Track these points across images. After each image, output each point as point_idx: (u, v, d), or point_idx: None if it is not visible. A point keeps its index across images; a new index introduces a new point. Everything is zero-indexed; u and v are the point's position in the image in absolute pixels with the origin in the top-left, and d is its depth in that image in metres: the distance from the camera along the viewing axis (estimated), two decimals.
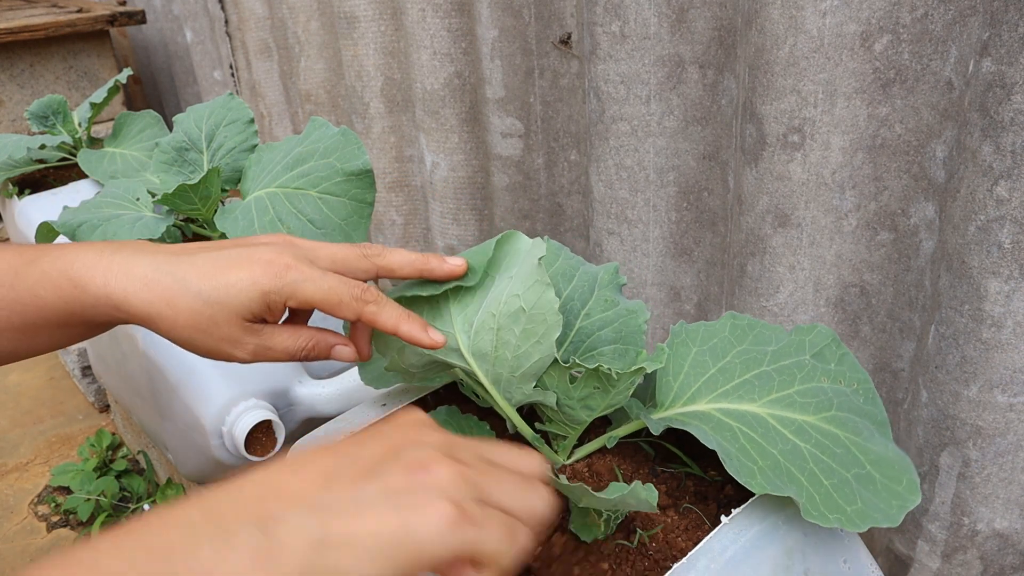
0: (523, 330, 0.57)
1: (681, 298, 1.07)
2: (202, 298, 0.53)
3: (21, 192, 1.42)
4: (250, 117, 1.10)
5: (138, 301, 0.53)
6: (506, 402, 0.61)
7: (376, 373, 0.71)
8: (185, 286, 0.53)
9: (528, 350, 0.58)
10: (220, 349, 0.54)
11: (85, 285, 0.53)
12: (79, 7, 2.49)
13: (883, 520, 0.54)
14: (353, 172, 0.96)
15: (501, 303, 0.57)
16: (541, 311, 0.57)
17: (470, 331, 0.58)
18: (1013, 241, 0.64)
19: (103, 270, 0.53)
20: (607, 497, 0.50)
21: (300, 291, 0.54)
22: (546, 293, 0.56)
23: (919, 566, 0.82)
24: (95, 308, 0.54)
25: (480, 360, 0.59)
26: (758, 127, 0.80)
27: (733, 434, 0.58)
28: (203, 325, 0.53)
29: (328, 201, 0.96)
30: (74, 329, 0.56)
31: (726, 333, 0.64)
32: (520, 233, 0.60)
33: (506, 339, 0.57)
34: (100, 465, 1.34)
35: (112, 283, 0.53)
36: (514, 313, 0.56)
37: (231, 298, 0.53)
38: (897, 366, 0.84)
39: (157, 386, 0.99)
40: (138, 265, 0.54)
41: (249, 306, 0.53)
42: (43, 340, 0.57)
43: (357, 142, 0.97)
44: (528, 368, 0.58)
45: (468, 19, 1.31)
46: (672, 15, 0.90)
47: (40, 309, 0.54)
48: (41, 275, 0.54)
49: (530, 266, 0.56)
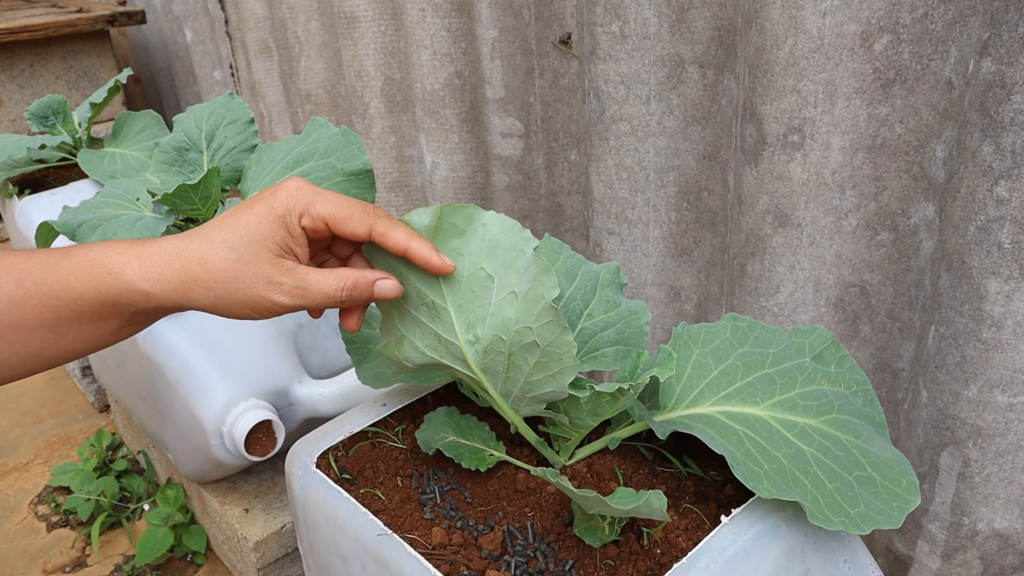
0: (537, 362, 0.56)
1: (681, 298, 1.07)
2: (228, 244, 0.54)
3: (21, 192, 1.42)
4: (250, 117, 1.10)
5: (171, 272, 0.54)
6: (514, 412, 0.61)
7: (374, 373, 0.71)
8: (211, 241, 0.54)
9: (542, 380, 0.57)
10: (258, 296, 0.54)
11: (120, 271, 0.54)
12: (79, 7, 2.49)
13: (885, 522, 0.54)
14: (353, 172, 0.96)
15: (512, 332, 0.55)
16: (557, 351, 0.55)
17: (476, 345, 0.56)
18: (1013, 241, 0.64)
19: (136, 255, 0.55)
20: (622, 508, 0.50)
21: (312, 206, 0.54)
22: (564, 336, 0.54)
23: (919, 566, 0.82)
24: (129, 295, 0.54)
25: (491, 376, 0.58)
26: (758, 127, 0.80)
27: (738, 438, 0.58)
28: (235, 271, 0.54)
29: None
30: (105, 323, 0.56)
31: (727, 335, 0.64)
32: (472, 208, 0.55)
33: (518, 364, 0.57)
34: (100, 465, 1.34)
35: (147, 264, 0.54)
36: (527, 345, 0.55)
37: (253, 232, 0.54)
38: (897, 366, 0.84)
39: (157, 386, 0.99)
40: (168, 242, 0.55)
41: (271, 235, 0.54)
42: (71, 339, 0.56)
43: (357, 142, 0.97)
44: (540, 394, 0.58)
45: (468, 19, 1.31)
46: (672, 15, 0.90)
47: (73, 301, 0.54)
48: (74, 267, 0.55)
49: (529, 277, 0.54)
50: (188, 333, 0.96)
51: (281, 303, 0.55)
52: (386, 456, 0.68)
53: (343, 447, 0.70)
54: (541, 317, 0.54)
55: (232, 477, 1.09)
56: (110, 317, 0.56)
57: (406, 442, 0.70)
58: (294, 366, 0.99)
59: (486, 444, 0.66)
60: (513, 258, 0.54)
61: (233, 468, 1.01)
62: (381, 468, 0.67)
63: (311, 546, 0.70)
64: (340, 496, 0.64)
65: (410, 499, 0.63)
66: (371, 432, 0.71)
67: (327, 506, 0.65)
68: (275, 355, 0.98)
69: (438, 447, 0.64)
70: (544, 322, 0.54)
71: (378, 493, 0.64)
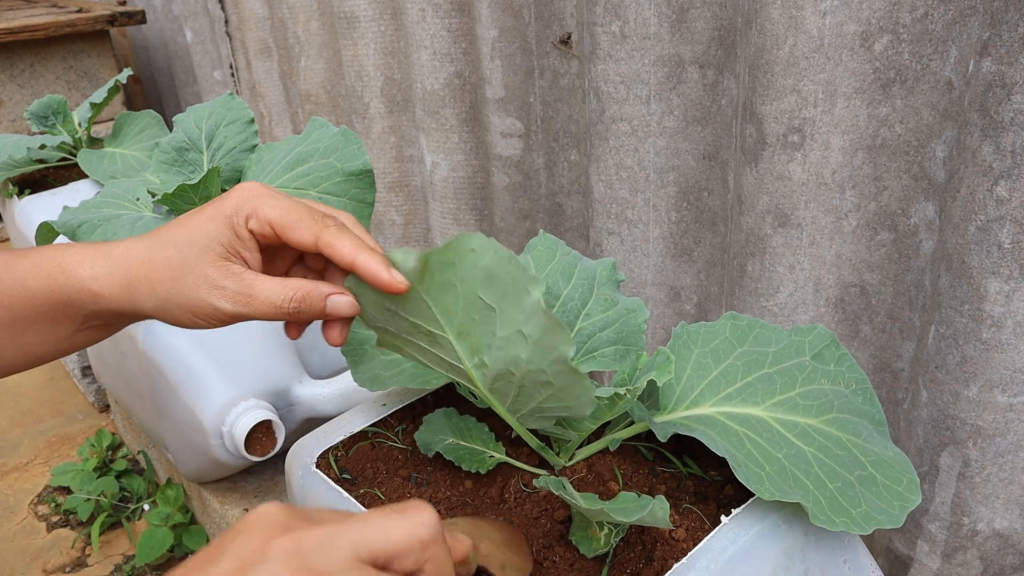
0: (551, 395, 0.53)
1: (681, 298, 1.07)
2: (174, 244, 0.52)
3: (21, 192, 1.42)
4: (250, 117, 1.10)
5: (119, 271, 0.53)
6: (518, 423, 0.61)
7: (371, 375, 0.71)
8: (159, 240, 0.53)
9: (555, 407, 0.55)
10: (200, 299, 0.52)
11: (73, 270, 0.53)
12: (79, 7, 2.49)
13: (887, 521, 0.54)
14: (353, 172, 0.96)
15: (523, 369, 0.50)
16: (574, 391, 0.52)
17: (484, 370, 0.52)
18: (1013, 241, 0.64)
19: (91, 255, 0.54)
20: (624, 519, 0.49)
21: (260, 209, 0.52)
22: (581, 382, 0.50)
23: (919, 566, 0.82)
24: (80, 295, 0.53)
25: (500, 396, 0.56)
26: (758, 127, 0.80)
27: (739, 439, 0.58)
28: (178, 271, 0.52)
29: (328, 201, 0.96)
30: (60, 327, 0.55)
31: (727, 334, 0.64)
32: (458, 239, 0.47)
33: (530, 393, 0.53)
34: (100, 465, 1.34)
35: (97, 264, 0.53)
36: (541, 383, 0.52)
37: (199, 232, 0.52)
38: (897, 366, 0.84)
39: (157, 386, 0.99)
40: (122, 243, 0.55)
41: (217, 236, 0.52)
42: (29, 340, 0.55)
43: (357, 142, 0.97)
44: (551, 416, 0.57)
45: (468, 19, 1.31)
46: (672, 15, 0.90)
47: (28, 299, 0.54)
48: (31, 265, 0.54)
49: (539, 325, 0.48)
50: (188, 333, 0.96)
51: (223, 309, 0.52)
52: (386, 456, 0.68)
53: (343, 447, 0.70)
54: (555, 365, 0.50)
55: (232, 477, 1.09)
56: (64, 319, 0.55)
57: (406, 442, 0.70)
58: (294, 366, 0.99)
59: (485, 445, 0.66)
60: (516, 294, 0.48)
61: (233, 468, 1.01)
62: (381, 468, 0.67)
63: None
64: (340, 496, 0.64)
65: (410, 499, 0.63)
66: (371, 432, 0.71)
67: (327, 506, 0.65)
68: (275, 355, 0.98)
69: (438, 449, 0.64)
70: (559, 370, 0.50)
71: (378, 493, 0.64)
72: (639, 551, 0.57)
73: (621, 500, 0.54)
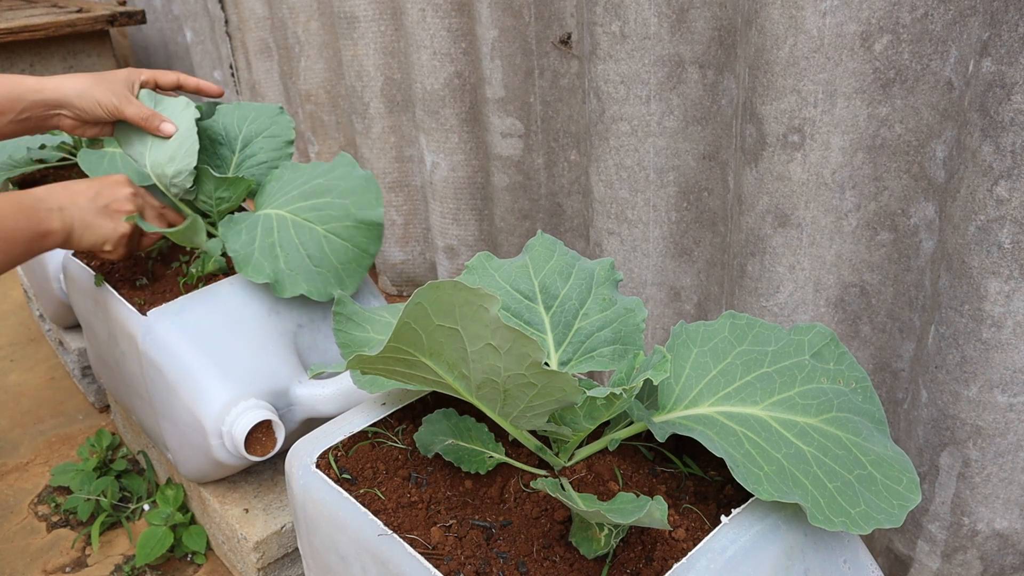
0: (537, 393, 0.54)
1: (681, 298, 1.07)
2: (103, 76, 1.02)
3: None
4: (290, 138, 1.10)
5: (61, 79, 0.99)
6: (513, 427, 0.61)
7: (370, 376, 0.71)
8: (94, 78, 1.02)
9: (544, 403, 0.55)
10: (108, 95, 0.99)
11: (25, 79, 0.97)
12: (79, 7, 2.49)
13: (886, 521, 0.54)
14: (364, 221, 0.98)
15: (503, 376, 0.52)
16: (558, 385, 0.52)
17: (466, 382, 0.54)
18: (1013, 241, 0.64)
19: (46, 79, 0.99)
20: (622, 521, 0.49)
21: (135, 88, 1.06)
22: (561, 377, 0.51)
23: (919, 566, 0.81)
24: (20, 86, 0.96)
25: (488, 402, 0.57)
26: (758, 127, 0.80)
27: (738, 439, 0.58)
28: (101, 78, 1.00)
29: (332, 241, 0.97)
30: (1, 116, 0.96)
31: (726, 333, 0.64)
32: (421, 290, 0.49)
33: (516, 395, 0.54)
34: (100, 465, 1.34)
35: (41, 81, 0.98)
36: (523, 384, 0.53)
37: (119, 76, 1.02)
38: (897, 366, 0.84)
39: (157, 386, 0.99)
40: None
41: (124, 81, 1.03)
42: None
43: (377, 192, 0.99)
44: (541, 414, 0.57)
45: (468, 19, 1.31)
46: (672, 15, 0.90)
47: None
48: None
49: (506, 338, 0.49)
50: (188, 333, 0.96)
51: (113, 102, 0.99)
52: (386, 456, 0.68)
53: (343, 447, 0.70)
54: (532, 368, 0.51)
55: (232, 477, 1.09)
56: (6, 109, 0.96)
57: (406, 442, 0.70)
58: (294, 366, 0.99)
59: (485, 446, 0.66)
60: (473, 312, 0.49)
61: (233, 468, 1.01)
62: (381, 468, 0.67)
63: (311, 546, 0.70)
64: (340, 496, 0.64)
65: (410, 499, 0.63)
66: (371, 432, 0.71)
67: (327, 506, 0.65)
68: (275, 355, 0.98)
69: (437, 450, 0.64)
70: (536, 372, 0.51)
71: (378, 493, 0.64)
72: (639, 551, 0.57)
73: (619, 501, 0.54)
